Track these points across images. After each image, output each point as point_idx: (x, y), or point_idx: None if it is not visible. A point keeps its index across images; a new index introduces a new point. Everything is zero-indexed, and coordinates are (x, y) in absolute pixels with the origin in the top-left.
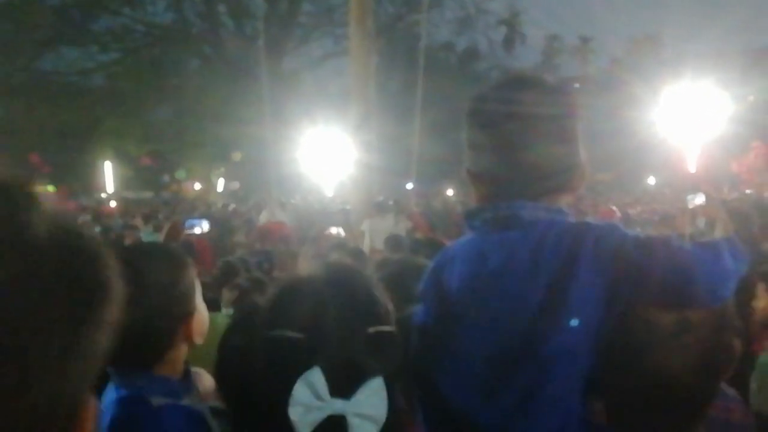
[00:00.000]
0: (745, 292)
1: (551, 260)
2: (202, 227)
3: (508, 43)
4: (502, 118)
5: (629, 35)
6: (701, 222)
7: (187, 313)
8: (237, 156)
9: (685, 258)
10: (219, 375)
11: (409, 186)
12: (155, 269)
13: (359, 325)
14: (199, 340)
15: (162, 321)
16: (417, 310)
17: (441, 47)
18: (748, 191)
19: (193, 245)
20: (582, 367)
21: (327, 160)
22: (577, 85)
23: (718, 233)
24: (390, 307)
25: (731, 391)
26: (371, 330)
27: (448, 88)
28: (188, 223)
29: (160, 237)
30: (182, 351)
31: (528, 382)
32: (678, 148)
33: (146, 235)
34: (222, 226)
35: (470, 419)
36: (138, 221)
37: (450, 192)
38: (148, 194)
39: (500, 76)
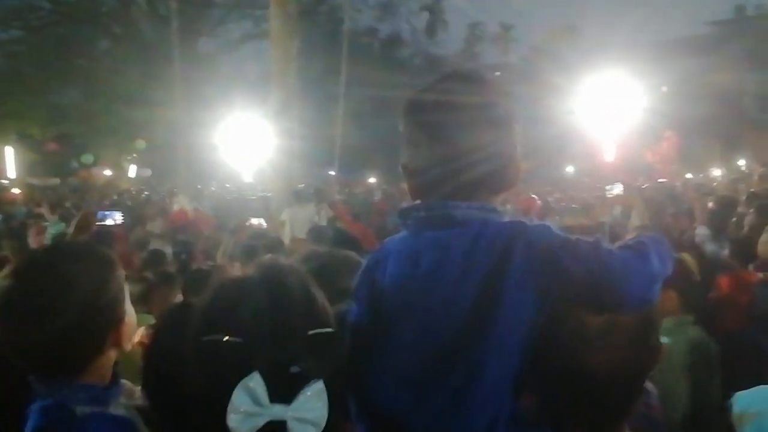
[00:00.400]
0: None
1: (484, 261)
2: (114, 218)
3: (431, 29)
4: (438, 114)
5: (549, 24)
6: (617, 210)
7: (116, 320)
8: (141, 143)
9: (614, 264)
10: (147, 378)
11: (331, 173)
12: (83, 273)
13: (299, 327)
14: (128, 346)
15: (90, 329)
16: (350, 309)
17: (363, 33)
18: (661, 180)
19: (111, 236)
20: (512, 367)
21: (246, 146)
22: (498, 73)
23: (635, 221)
24: (328, 307)
25: (650, 386)
26: (311, 332)
27: (371, 75)
28: (100, 214)
29: (69, 228)
30: (111, 357)
31: (459, 382)
32: (596, 138)
33: (53, 225)
34: (132, 215)
35: (402, 420)
36: (44, 210)
37: (372, 180)
38: (54, 181)
39: (422, 62)
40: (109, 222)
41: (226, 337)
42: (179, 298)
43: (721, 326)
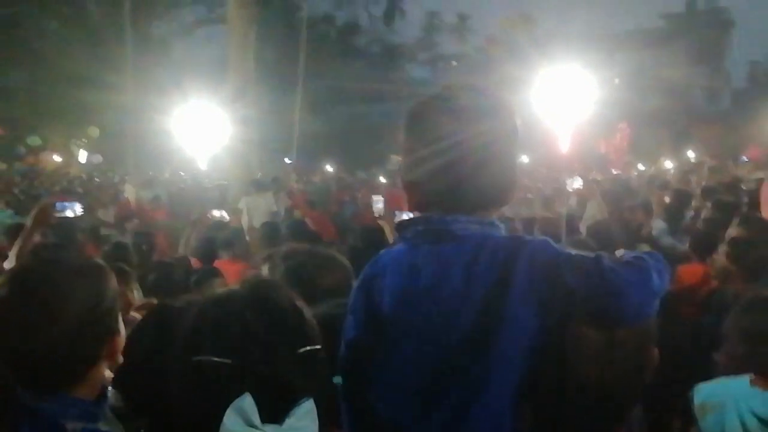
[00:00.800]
0: None
1: (485, 276)
2: (74, 210)
3: (389, 17)
4: (439, 127)
5: (504, 15)
6: (573, 201)
7: (111, 333)
8: (94, 131)
9: (615, 281)
10: (124, 382)
11: (288, 161)
12: (80, 287)
13: (288, 346)
14: (120, 359)
15: (85, 342)
16: (347, 324)
17: (320, 20)
18: (615, 171)
19: (73, 229)
20: (514, 381)
21: (201, 133)
22: (454, 63)
23: (590, 213)
24: (315, 323)
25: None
26: (301, 350)
27: (328, 63)
28: (59, 205)
29: (19, 216)
30: (102, 371)
31: (461, 397)
32: (551, 129)
33: (3, 216)
34: (83, 202)
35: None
36: None
37: (329, 168)
38: (1, 166)
39: (379, 50)
40: (68, 213)
41: (216, 359)
42: (137, 293)
43: (680, 316)
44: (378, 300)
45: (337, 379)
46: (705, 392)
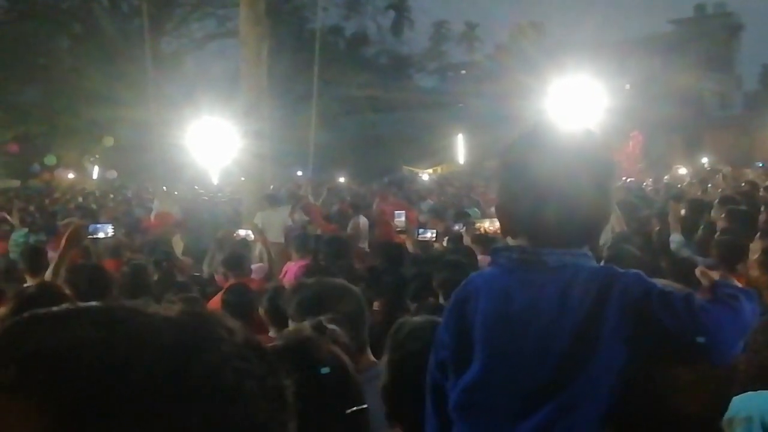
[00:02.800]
0: None
1: (578, 305)
2: (106, 232)
3: (397, 28)
4: (543, 164)
5: (513, 23)
6: None
7: None
8: (109, 141)
9: (706, 321)
10: None
11: (299, 174)
12: None
13: (334, 408)
14: None
15: None
16: (438, 343)
17: (329, 31)
18: (630, 180)
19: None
20: (602, 410)
21: (212, 147)
22: (463, 72)
23: (612, 227)
24: (359, 381)
25: None
26: (348, 411)
27: (337, 75)
28: (91, 227)
29: (35, 235)
30: None
31: (548, 421)
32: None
33: (18, 236)
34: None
35: None
36: (12, 215)
37: (342, 179)
38: (15, 183)
39: (388, 61)
40: (100, 235)
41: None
42: None
43: None
44: (470, 322)
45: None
46: (733, 406)
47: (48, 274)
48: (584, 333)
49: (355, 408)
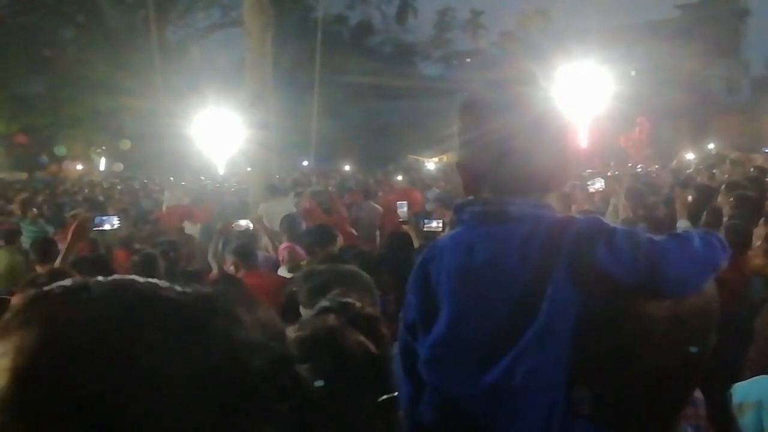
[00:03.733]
0: None
1: (537, 253)
2: (112, 224)
3: (401, 16)
4: (498, 116)
5: (518, 9)
6: (597, 198)
7: None
8: (126, 144)
9: (652, 250)
10: None
11: (305, 164)
12: None
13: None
14: None
15: None
16: (406, 305)
17: (333, 20)
18: (639, 167)
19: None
20: (564, 356)
21: (218, 137)
22: (468, 60)
23: (616, 212)
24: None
25: (699, 394)
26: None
27: (342, 64)
28: (97, 219)
29: (46, 227)
30: None
31: (511, 368)
32: (571, 122)
33: (26, 226)
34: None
35: (460, 406)
36: (16, 207)
37: (347, 168)
38: (22, 175)
39: (393, 50)
40: (106, 227)
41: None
42: None
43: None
44: (434, 280)
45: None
46: (743, 392)
47: (56, 265)
48: (538, 278)
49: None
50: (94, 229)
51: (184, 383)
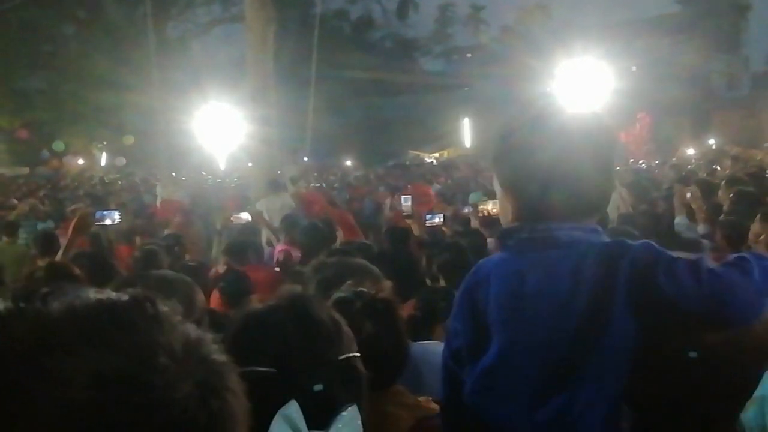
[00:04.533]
0: None
1: (591, 280)
2: (113, 218)
3: (402, 11)
4: (548, 140)
5: (519, 4)
6: None
7: None
8: (129, 139)
9: (714, 283)
10: None
11: (305, 159)
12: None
13: (329, 354)
14: None
15: None
16: (451, 332)
17: (334, 15)
18: (641, 162)
19: (108, 242)
20: (619, 385)
21: (219, 133)
22: (469, 55)
23: (612, 205)
24: (351, 333)
25: None
26: (341, 357)
27: (342, 59)
28: (98, 214)
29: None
30: None
31: (566, 399)
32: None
33: (27, 223)
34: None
35: None
36: (22, 203)
37: (348, 163)
38: (24, 170)
39: (393, 45)
40: (107, 222)
41: (260, 368)
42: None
43: None
44: (483, 308)
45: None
46: None
47: (58, 259)
48: (595, 310)
49: (348, 355)
50: (96, 223)
51: (89, 384)
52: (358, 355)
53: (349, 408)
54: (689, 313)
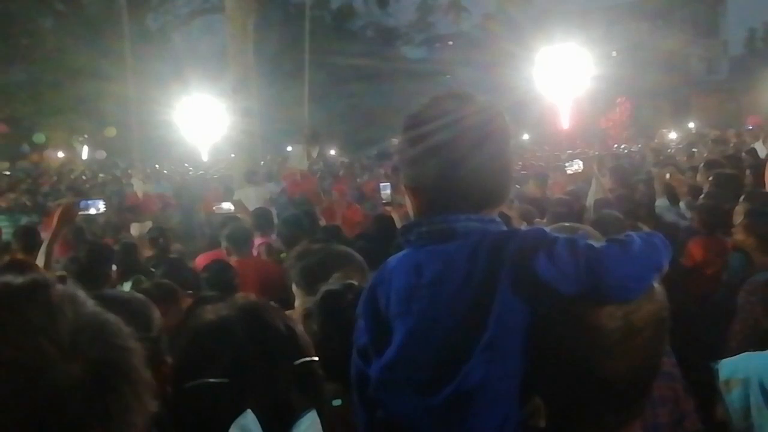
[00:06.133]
0: None
1: (481, 268)
2: (98, 207)
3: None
4: (437, 131)
5: None
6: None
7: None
8: (111, 131)
9: (591, 258)
10: None
11: (289, 149)
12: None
13: (283, 361)
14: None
15: None
16: (357, 330)
17: (314, 5)
18: (623, 146)
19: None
20: (515, 371)
21: (201, 124)
22: (450, 43)
23: (592, 190)
24: (307, 338)
25: (676, 370)
26: (297, 362)
27: (324, 48)
28: (83, 203)
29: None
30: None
31: (464, 387)
32: (551, 106)
33: (7, 217)
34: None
35: (411, 426)
36: (2, 198)
37: (333, 152)
38: (3, 165)
39: (375, 34)
40: (92, 211)
41: (212, 380)
42: None
43: (694, 291)
44: (384, 303)
45: (337, 402)
46: (729, 368)
47: (41, 252)
48: (481, 295)
49: (304, 359)
50: (80, 213)
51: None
52: (316, 359)
53: (308, 414)
54: (569, 293)
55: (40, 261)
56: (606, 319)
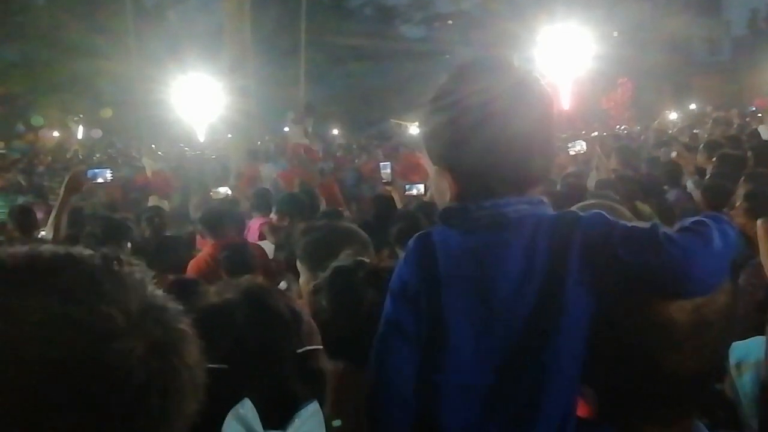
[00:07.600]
0: None
1: (544, 259)
2: (105, 177)
3: None
4: (481, 110)
5: None
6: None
7: None
8: (107, 113)
9: (672, 251)
10: None
11: (286, 129)
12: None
13: (286, 348)
14: None
15: None
16: (393, 307)
17: None
18: (623, 128)
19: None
20: (580, 362)
21: (198, 104)
22: (450, 22)
23: (597, 173)
24: (314, 324)
25: None
26: (299, 350)
27: (322, 27)
28: (90, 172)
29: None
30: None
31: (533, 384)
32: (553, 86)
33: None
34: None
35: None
36: None
37: (335, 132)
38: None
39: (373, 12)
40: (99, 180)
41: (211, 365)
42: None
43: None
44: (436, 288)
45: (337, 422)
46: (740, 351)
47: (50, 222)
48: (551, 286)
49: (307, 348)
50: (89, 182)
51: (38, 321)
52: (320, 348)
53: (310, 405)
54: (649, 283)
55: (48, 232)
56: (676, 312)
